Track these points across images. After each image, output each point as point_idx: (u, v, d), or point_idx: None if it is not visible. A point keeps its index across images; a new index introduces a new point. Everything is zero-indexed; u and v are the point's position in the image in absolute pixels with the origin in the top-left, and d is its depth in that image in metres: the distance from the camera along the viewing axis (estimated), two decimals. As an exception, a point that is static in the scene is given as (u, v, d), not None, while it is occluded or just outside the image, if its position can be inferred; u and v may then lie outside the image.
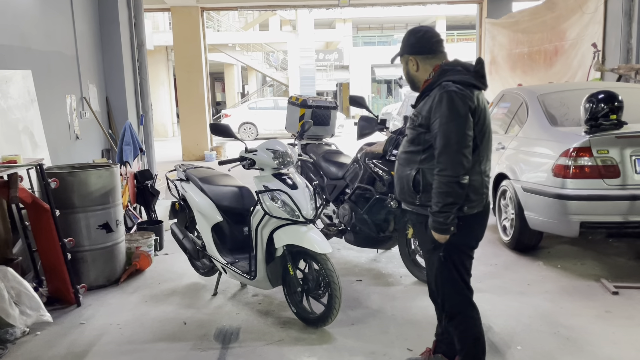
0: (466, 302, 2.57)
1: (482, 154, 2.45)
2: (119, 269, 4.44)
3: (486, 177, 2.49)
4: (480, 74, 2.45)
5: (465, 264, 2.56)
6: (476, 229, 2.54)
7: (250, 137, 18.76)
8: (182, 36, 12.82)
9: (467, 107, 2.34)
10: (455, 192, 2.34)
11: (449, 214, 2.36)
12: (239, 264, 3.77)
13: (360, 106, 4.44)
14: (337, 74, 31.58)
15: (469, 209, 2.43)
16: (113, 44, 7.04)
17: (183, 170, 4.28)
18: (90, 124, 6.46)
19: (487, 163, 2.50)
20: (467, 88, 2.38)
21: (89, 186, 4.17)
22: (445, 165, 2.34)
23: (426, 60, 2.53)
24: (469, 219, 2.45)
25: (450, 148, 2.33)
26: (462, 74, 2.43)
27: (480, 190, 2.45)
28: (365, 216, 4.35)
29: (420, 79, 2.55)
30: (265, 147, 3.52)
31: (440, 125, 2.35)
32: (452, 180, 2.33)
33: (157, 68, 20.68)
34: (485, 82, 2.47)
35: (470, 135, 2.35)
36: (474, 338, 2.57)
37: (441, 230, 2.40)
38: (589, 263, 4.50)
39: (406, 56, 2.58)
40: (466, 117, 2.34)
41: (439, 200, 2.36)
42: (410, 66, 2.57)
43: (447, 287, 2.57)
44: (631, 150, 4.03)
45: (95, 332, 3.50)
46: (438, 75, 2.46)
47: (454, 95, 2.34)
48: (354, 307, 3.74)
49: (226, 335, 3.38)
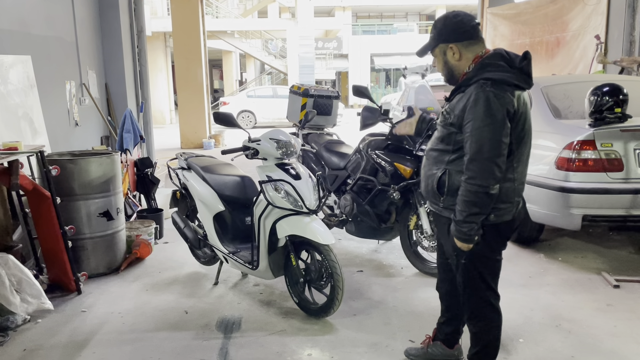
0: (488, 306, 2.45)
1: (516, 160, 2.26)
2: (120, 257, 4.43)
3: (520, 185, 2.31)
4: (524, 71, 2.22)
5: (491, 268, 2.42)
6: (503, 237, 2.39)
7: (248, 126, 18.67)
8: (180, 22, 12.70)
9: (504, 112, 2.14)
10: (482, 202, 2.18)
11: (473, 225, 2.21)
12: (240, 253, 3.76)
13: (363, 96, 4.40)
14: (336, 63, 31.43)
15: (497, 217, 2.27)
16: (113, 30, 6.96)
17: (185, 159, 4.24)
18: (90, 111, 6.41)
19: (521, 169, 2.31)
20: (507, 89, 2.16)
21: (90, 174, 4.13)
22: (475, 174, 2.16)
23: (469, 47, 2.28)
24: (495, 227, 2.30)
25: (482, 155, 2.14)
26: (504, 71, 2.19)
27: (510, 199, 2.28)
28: (367, 207, 4.33)
29: (461, 70, 2.30)
30: (268, 136, 3.49)
31: (474, 129, 2.15)
32: (480, 191, 2.16)
33: (155, 54, 20.52)
34: (530, 81, 2.24)
35: (506, 143, 2.16)
36: (488, 341, 2.50)
37: (464, 240, 2.26)
38: (590, 256, 4.51)
39: (443, 45, 2.31)
40: (503, 123, 2.13)
41: (463, 209, 2.21)
42: (451, 55, 2.31)
43: (469, 290, 2.45)
44: (635, 143, 4.02)
45: (97, 320, 3.49)
46: (477, 69, 2.23)
47: (491, 97, 2.13)
48: (355, 298, 3.74)
49: (228, 325, 3.38)
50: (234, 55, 29.90)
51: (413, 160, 4.08)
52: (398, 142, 4.18)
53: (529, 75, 2.24)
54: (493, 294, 2.46)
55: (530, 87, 2.26)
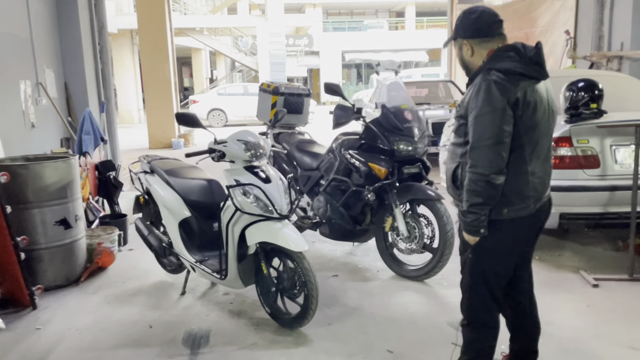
0: (486, 313, 2.39)
1: (529, 152, 2.19)
2: (79, 268, 4.16)
3: (537, 180, 2.23)
4: (534, 61, 2.17)
5: (497, 272, 2.34)
6: (518, 235, 2.31)
7: (219, 124, 18.34)
8: (146, 19, 12.33)
9: (505, 99, 2.09)
10: (485, 192, 2.13)
11: (477, 215, 2.17)
12: (208, 262, 3.56)
13: (335, 94, 4.23)
14: (307, 60, 31.23)
15: (511, 212, 2.21)
16: (71, 26, 6.61)
17: (147, 162, 4.01)
18: (48, 112, 6.07)
19: (539, 164, 2.23)
20: (511, 78, 2.12)
21: (45, 179, 3.86)
22: (476, 162, 2.14)
23: (482, 43, 2.26)
24: (508, 223, 2.23)
25: (481, 143, 2.12)
26: (512, 60, 2.16)
27: (525, 193, 2.21)
28: (341, 209, 4.18)
29: (475, 65, 2.29)
30: (236, 138, 3.29)
31: (474, 117, 2.14)
32: (481, 179, 2.13)
33: (121, 52, 19.99)
34: (541, 71, 2.19)
35: (507, 131, 2.11)
36: (479, 350, 2.42)
37: (470, 232, 2.23)
38: (567, 254, 4.45)
39: (460, 40, 2.32)
40: (503, 111, 2.10)
41: (467, 198, 2.19)
42: (465, 51, 2.32)
43: (470, 291, 2.39)
44: (611, 140, 3.97)
45: (53, 337, 3.24)
46: (488, 61, 2.22)
47: (492, 85, 2.11)
48: (330, 305, 3.58)
49: (195, 339, 3.17)
50: (203, 52, 29.41)
51: (388, 160, 3.94)
52: (372, 142, 4.03)
53: (539, 64, 2.18)
54: (493, 302, 2.37)
55: (543, 77, 2.21)
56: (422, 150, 4.01)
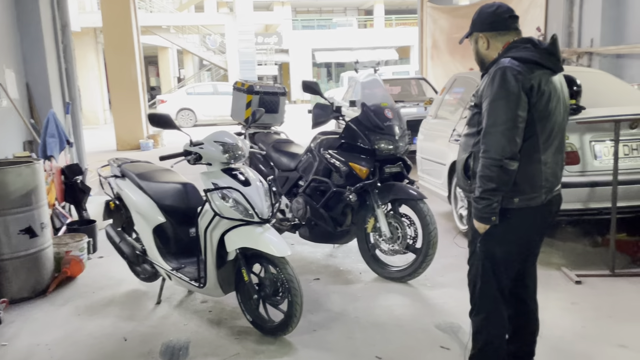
0: (493, 305, 2.36)
1: (542, 141, 2.20)
2: (47, 278, 3.94)
3: (549, 170, 2.24)
4: (550, 52, 2.21)
5: (506, 261, 2.32)
6: (528, 225, 2.30)
7: (188, 124, 17.96)
8: (111, 17, 11.95)
9: (519, 85, 2.11)
10: (498, 177, 2.12)
11: (490, 202, 2.16)
12: (185, 269, 3.40)
13: (313, 92, 4.12)
14: (277, 58, 30.97)
15: (522, 201, 2.21)
16: (32, 24, 6.29)
17: (117, 166, 3.81)
18: (8, 114, 5.76)
19: (550, 153, 2.23)
20: (527, 66, 2.14)
21: (7, 186, 3.63)
22: (489, 147, 2.14)
23: (497, 37, 2.30)
24: (520, 212, 2.23)
25: (495, 128, 2.12)
26: (528, 50, 2.19)
27: (537, 182, 2.22)
28: (321, 210, 4.07)
29: (490, 58, 2.32)
30: (212, 139, 3.14)
31: (489, 103, 2.15)
32: (494, 164, 2.11)
33: (85, 51, 19.37)
34: (556, 62, 2.22)
35: (522, 117, 2.12)
36: (485, 341, 2.40)
37: (480, 219, 2.21)
38: (547, 250, 4.44)
39: (476, 34, 2.36)
40: (518, 96, 2.11)
41: (480, 184, 2.17)
42: (480, 44, 2.35)
43: (478, 282, 2.37)
44: (591, 136, 3.97)
45: (20, 354, 3.05)
46: (503, 52, 2.25)
47: (507, 72, 2.13)
48: (314, 311, 3.47)
49: (174, 352, 3.01)
50: (170, 51, 28.83)
51: (369, 160, 3.85)
52: (353, 141, 3.94)
53: (554, 55, 2.21)
54: (499, 293, 2.35)
55: (559, 70, 2.24)
56: (403, 149, 3.93)
